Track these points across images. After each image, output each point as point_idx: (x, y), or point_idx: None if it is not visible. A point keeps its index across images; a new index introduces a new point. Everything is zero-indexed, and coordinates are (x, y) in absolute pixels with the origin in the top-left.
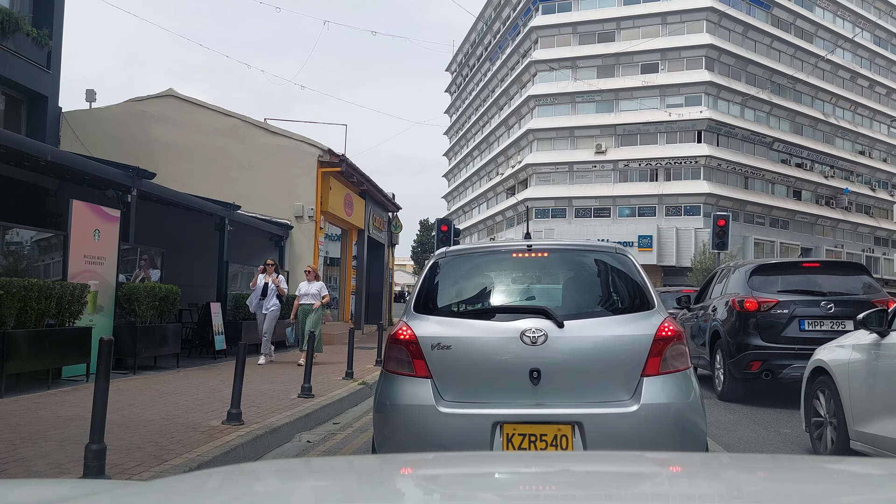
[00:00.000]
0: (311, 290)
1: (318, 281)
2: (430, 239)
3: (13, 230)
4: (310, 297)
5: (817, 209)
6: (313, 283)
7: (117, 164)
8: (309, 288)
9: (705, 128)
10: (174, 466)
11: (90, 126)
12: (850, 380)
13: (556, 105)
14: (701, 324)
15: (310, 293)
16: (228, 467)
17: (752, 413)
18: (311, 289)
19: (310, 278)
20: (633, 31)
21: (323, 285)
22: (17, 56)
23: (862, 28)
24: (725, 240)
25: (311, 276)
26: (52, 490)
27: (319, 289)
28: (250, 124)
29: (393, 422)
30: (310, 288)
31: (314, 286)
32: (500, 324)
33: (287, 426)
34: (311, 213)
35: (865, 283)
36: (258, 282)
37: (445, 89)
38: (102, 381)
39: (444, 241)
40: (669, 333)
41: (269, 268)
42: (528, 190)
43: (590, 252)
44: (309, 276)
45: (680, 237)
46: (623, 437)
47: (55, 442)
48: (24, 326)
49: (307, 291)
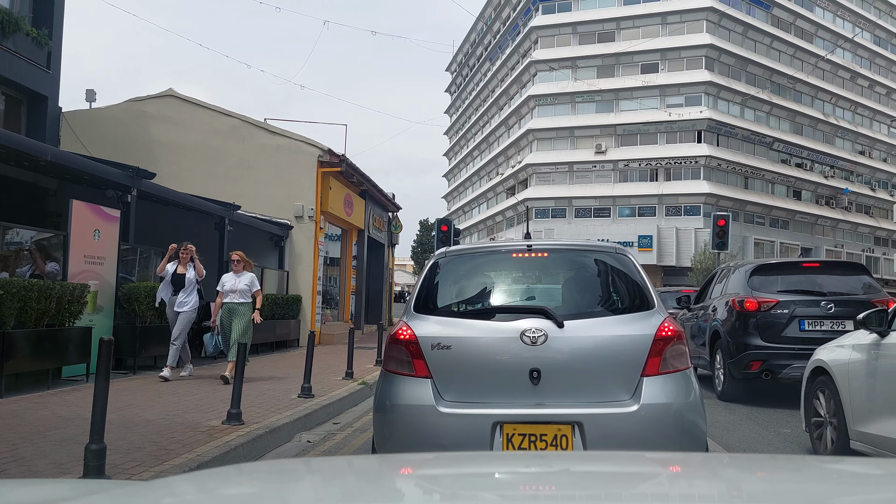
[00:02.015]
0: (239, 284)
1: (248, 272)
2: (430, 239)
3: (13, 230)
4: (237, 295)
5: (817, 209)
6: (242, 274)
7: (117, 164)
8: (236, 282)
9: (705, 128)
10: (174, 466)
11: (90, 126)
12: (850, 380)
13: (556, 105)
14: (701, 324)
15: (237, 289)
16: (228, 467)
17: (752, 413)
18: (238, 283)
19: (237, 268)
20: (633, 31)
21: (254, 278)
22: (17, 56)
23: (862, 28)
24: (725, 240)
25: (238, 265)
26: (52, 490)
27: (250, 282)
28: (250, 124)
29: (393, 422)
30: (237, 282)
31: (243, 279)
32: (500, 324)
33: (287, 426)
34: (311, 213)
35: (865, 283)
36: (167, 269)
37: (445, 89)
38: (102, 381)
39: (444, 241)
40: (669, 333)
41: (185, 255)
42: (528, 190)
43: (590, 252)
44: (236, 265)
45: (680, 237)
46: (623, 437)
47: (55, 442)
48: (23, 326)
49: (233, 287)
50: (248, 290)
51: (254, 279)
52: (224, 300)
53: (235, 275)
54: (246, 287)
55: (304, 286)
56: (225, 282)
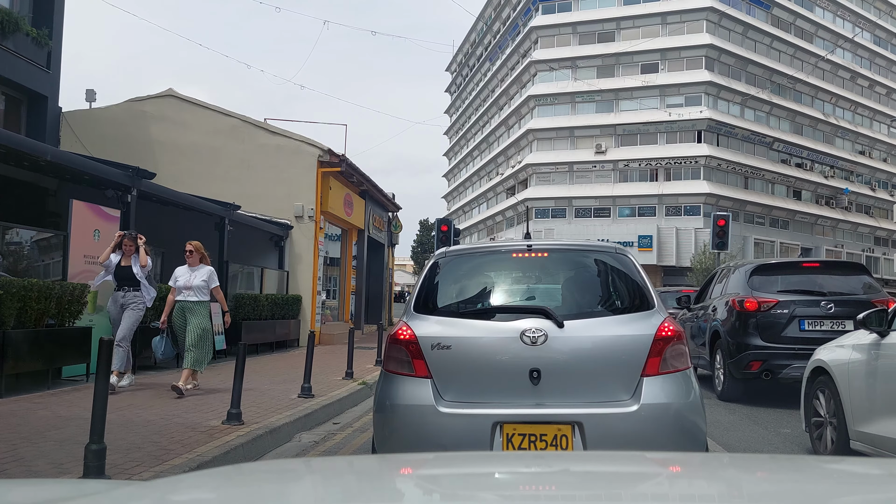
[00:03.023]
0: (195, 279)
1: (205, 265)
2: (430, 239)
3: (13, 230)
4: (192, 292)
5: (817, 209)
6: (199, 268)
7: (117, 164)
8: (191, 277)
9: (705, 128)
10: (174, 466)
11: (90, 126)
12: (850, 380)
13: (556, 105)
14: (701, 324)
15: (191, 285)
16: (228, 467)
17: (752, 413)
18: (193, 278)
19: (191, 261)
20: (633, 31)
21: (213, 272)
22: (17, 56)
23: (862, 28)
24: (725, 240)
25: (193, 256)
26: (52, 490)
27: (207, 277)
28: (250, 124)
29: (393, 422)
30: (192, 277)
31: (199, 273)
32: (500, 324)
33: (287, 426)
34: (310, 213)
35: (865, 283)
36: (109, 260)
37: (445, 89)
38: (102, 381)
39: (444, 241)
40: (669, 333)
41: (129, 246)
42: (528, 190)
43: (590, 252)
44: (190, 257)
45: (680, 237)
46: (623, 437)
47: (55, 442)
48: (23, 326)
49: (188, 283)
50: (206, 286)
51: (212, 274)
52: (177, 298)
53: (190, 268)
54: (203, 283)
55: (304, 286)
56: (178, 276)
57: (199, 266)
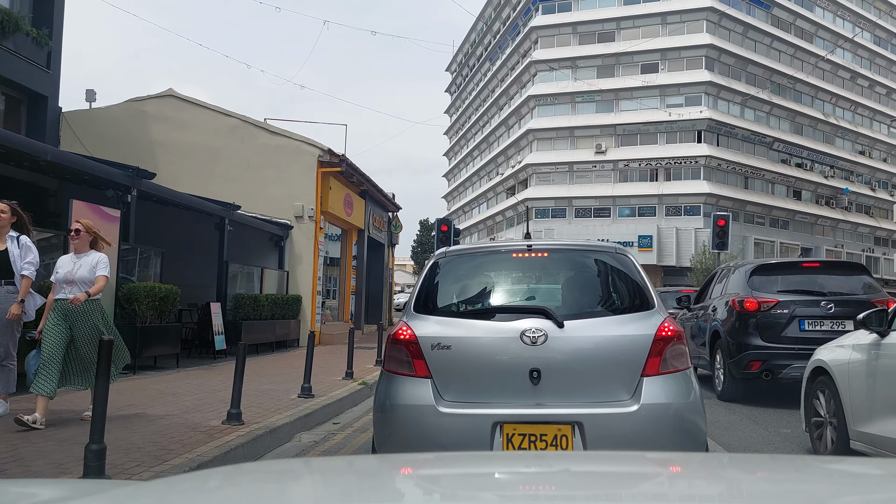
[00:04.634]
0: (79, 270)
1: (95, 251)
2: (430, 239)
3: None
4: (75, 287)
5: (817, 209)
6: (87, 254)
7: (117, 164)
8: (74, 266)
9: (705, 128)
10: (174, 466)
11: (90, 126)
12: (850, 380)
13: (556, 105)
14: (701, 324)
15: (75, 278)
16: (228, 467)
17: (752, 413)
18: (77, 268)
19: (78, 245)
20: (633, 31)
21: (104, 259)
22: (17, 56)
23: (862, 28)
24: (725, 240)
25: (80, 239)
26: (52, 490)
27: (93, 266)
28: (250, 124)
29: (393, 422)
30: (76, 266)
31: (85, 261)
32: (500, 324)
33: (287, 426)
34: (311, 213)
35: (865, 283)
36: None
37: (445, 89)
38: (102, 381)
39: (444, 241)
40: (669, 333)
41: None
42: (528, 190)
43: (590, 252)
44: (76, 239)
45: (680, 237)
46: (623, 437)
47: (55, 442)
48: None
49: (69, 275)
50: (89, 278)
51: (102, 261)
52: (56, 296)
53: (75, 256)
54: (89, 275)
55: (304, 286)
56: (59, 267)
57: (87, 252)
